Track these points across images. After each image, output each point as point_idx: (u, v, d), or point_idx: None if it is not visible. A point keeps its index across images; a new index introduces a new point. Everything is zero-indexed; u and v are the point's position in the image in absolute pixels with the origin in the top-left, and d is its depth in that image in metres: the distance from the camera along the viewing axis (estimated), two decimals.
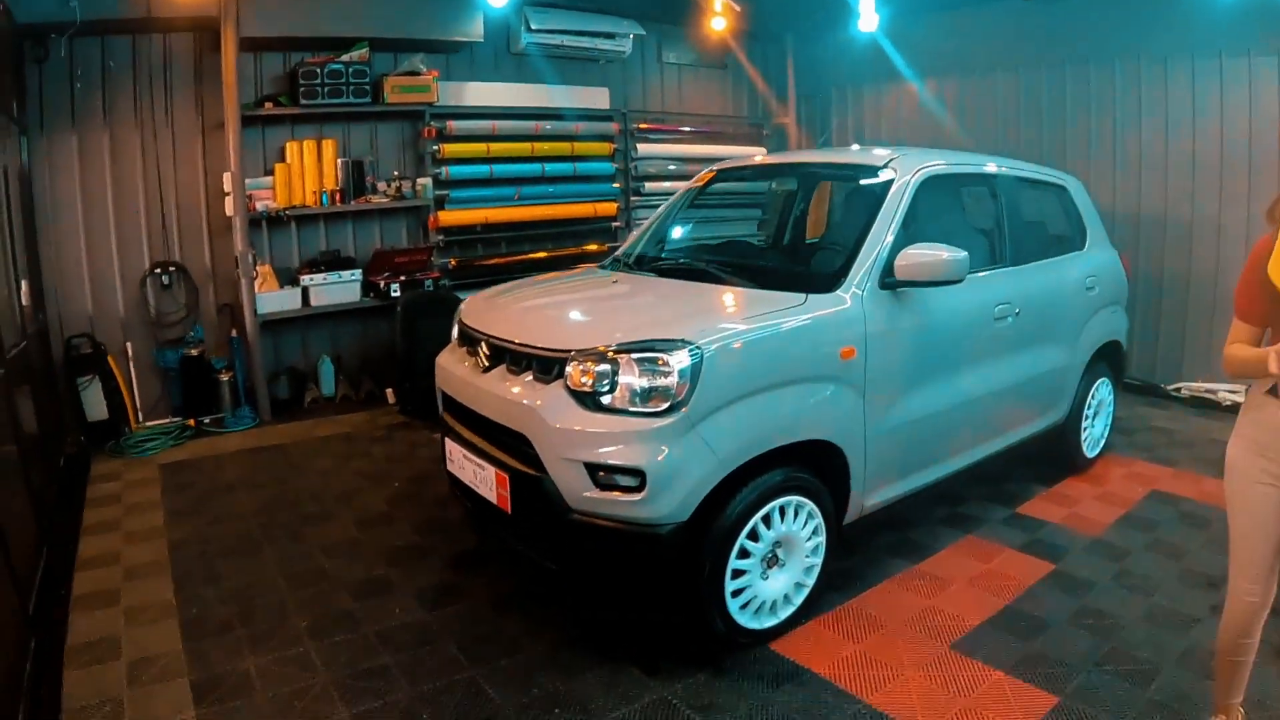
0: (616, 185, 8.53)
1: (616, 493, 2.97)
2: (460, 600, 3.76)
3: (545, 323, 3.65)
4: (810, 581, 3.49)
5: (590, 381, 3.04)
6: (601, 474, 2.98)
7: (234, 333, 6.61)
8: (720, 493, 3.08)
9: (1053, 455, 5.26)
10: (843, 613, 3.64)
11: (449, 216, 7.42)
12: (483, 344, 3.60)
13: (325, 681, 3.13)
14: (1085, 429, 5.26)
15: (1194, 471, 5.31)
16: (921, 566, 4.09)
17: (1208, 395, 6.84)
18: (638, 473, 2.92)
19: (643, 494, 2.92)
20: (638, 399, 2.99)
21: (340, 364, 7.16)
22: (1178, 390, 7.05)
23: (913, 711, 2.94)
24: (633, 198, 8.72)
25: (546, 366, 3.25)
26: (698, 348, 3.00)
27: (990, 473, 5.19)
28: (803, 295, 3.47)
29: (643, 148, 8.74)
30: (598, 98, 8.46)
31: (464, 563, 4.14)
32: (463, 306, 4.07)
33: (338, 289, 6.82)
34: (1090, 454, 5.39)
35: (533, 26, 7.70)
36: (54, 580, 3.94)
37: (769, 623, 3.37)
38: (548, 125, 7.95)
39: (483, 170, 7.60)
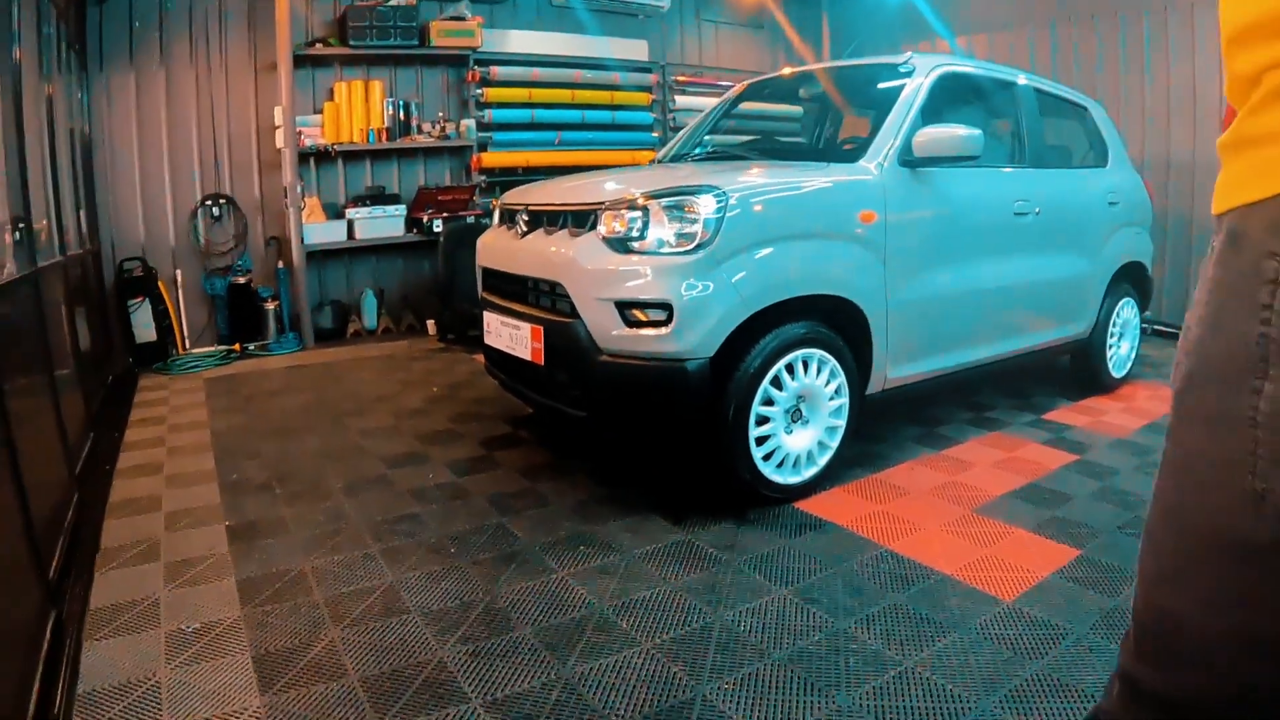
0: (655, 135, 8.67)
1: (645, 329, 3.12)
2: (492, 469, 3.93)
3: (580, 188, 3.83)
4: (834, 443, 3.61)
5: (621, 228, 3.21)
6: (631, 311, 3.14)
7: (280, 264, 6.87)
8: (744, 337, 3.22)
9: (1080, 375, 5.37)
10: (866, 483, 3.75)
11: (491, 158, 7.62)
12: (521, 213, 3.79)
13: (357, 525, 3.30)
14: (1111, 348, 5.32)
15: None
16: (946, 452, 4.18)
17: None
18: (665, 306, 3.08)
19: (669, 328, 3.07)
20: (666, 242, 3.14)
21: (383, 298, 7.39)
22: None
23: (933, 557, 3.02)
24: None
25: (581, 220, 3.43)
26: (723, 193, 3.15)
27: (1017, 387, 5.32)
28: (825, 164, 3.62)
29: (681, 100, 8.88)
30: (636, 50, 8.64)
31: (497, 443, 4.31)
32: (503, 196, 4.26)
33: (382, 223, 7.04)
34: (1117, 374, 5.44)
35: None
36: (100, 458, 4.13)
37: (792, 478, 3.49)
38: (588, 74, 8.13)
39: (524, 115, 7.80)
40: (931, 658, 2.37)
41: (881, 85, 4.14)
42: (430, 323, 7.27)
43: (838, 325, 3.54)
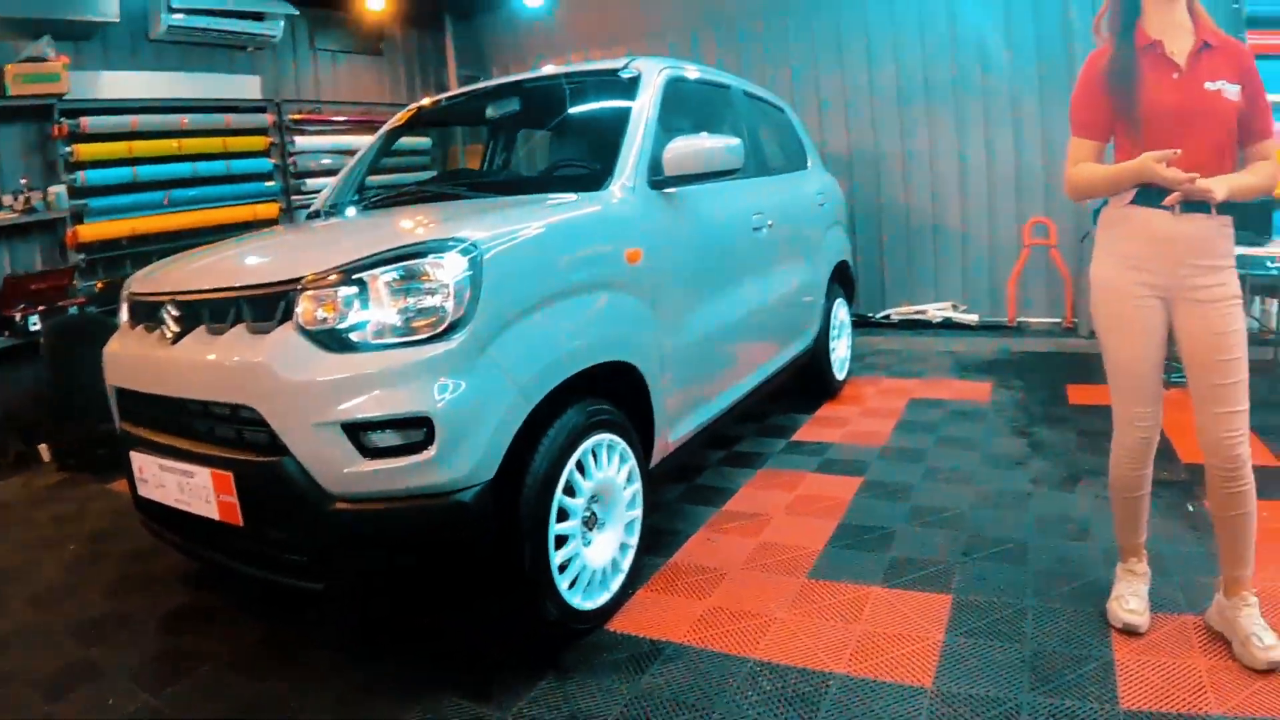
0: (275, 183, 7.49)
1: (394, 458, 2.20)
2: (193, 670, 2.73)
3: (254, 261, 2.78)
4: (634, 540, 2.91)
5: (330, 314, 2.26)
6: (369, 435, 2.20)
7: None
8: (523, 440, 2.41)
9: (804, 384, 5.14)
10: (671, 572, 3.10)
11: (90, 230, 6.06)
12: (167, 307, 2.65)
13: None
14: (833, 350, 5.18)
15: (938, 378, 5.43)
16: (729, 508, 3.68)
17: (917, 316, 7.13)
18: (421, 422, 2.17)
19: (432, 450, 2.17)
20: (401, 327, 2.25)
21: None
22: (887, 317, 7.29)
23: (810, 654, 2.49)
24: (294, 196, 7.70)
25: (266, 309, 2.39)
26: (473, 246, 2.31)
27: (751, 411, 4.95)
28: (572, 194, 2.90)
29: (300, 140, 7.76)
30: (249, 87, 7.40)
31: (184, 623, 3.09)
32: (129, 281, 3.07)
33: None
34: (840, 375, 5.36)
35: (174, 5, 6.56)
36: None
37: (602, 598, 2.73)
38: (195, 119, 6.79)
39: (125, 174, 6.30)
40: None
41: (599, 96, 3.52)
42: (43, 448, 5.59)
43: (615, 397, 2.84)
